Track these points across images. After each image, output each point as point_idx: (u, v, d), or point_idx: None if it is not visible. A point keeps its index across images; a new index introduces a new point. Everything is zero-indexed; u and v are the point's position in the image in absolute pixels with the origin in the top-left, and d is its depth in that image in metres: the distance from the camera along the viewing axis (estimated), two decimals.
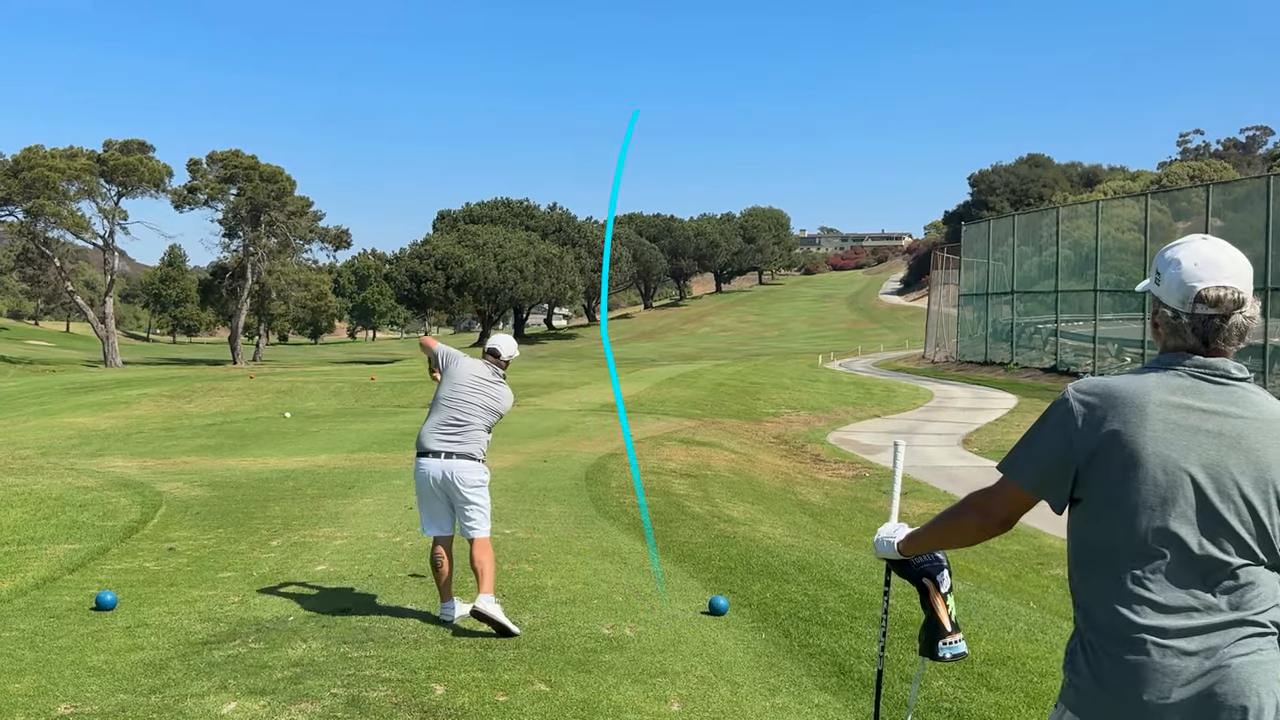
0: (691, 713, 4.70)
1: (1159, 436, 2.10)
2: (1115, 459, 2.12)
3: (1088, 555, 2.19)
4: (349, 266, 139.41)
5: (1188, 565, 2.09)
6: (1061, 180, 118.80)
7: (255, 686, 4.85)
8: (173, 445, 18.57)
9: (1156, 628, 2.07)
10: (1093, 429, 2.15)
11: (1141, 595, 2.09)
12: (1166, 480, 2.09)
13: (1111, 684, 2.10)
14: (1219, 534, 2.09)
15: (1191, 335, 2.17)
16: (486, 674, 5.08)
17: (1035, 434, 2.25)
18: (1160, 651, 2.06)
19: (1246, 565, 2.09)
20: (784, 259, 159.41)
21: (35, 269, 74.70)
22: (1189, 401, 2.13)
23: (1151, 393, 2.14)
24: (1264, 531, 2.10)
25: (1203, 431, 2.11)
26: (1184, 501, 2.09)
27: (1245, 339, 2.19)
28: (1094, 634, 2.15)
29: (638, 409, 24.36)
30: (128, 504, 10.42)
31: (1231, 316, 2.14)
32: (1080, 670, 2.16)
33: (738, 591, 6.95)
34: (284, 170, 78.81)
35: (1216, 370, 2.15)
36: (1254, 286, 2.21)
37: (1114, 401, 2.15)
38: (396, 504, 10.41)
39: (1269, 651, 2.08)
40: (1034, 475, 2.23)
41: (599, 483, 12.04)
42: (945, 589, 2.80)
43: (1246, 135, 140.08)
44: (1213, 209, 29.26)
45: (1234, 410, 2.13)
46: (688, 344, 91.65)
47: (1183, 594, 2.08)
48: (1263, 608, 2.09)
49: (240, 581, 7.17)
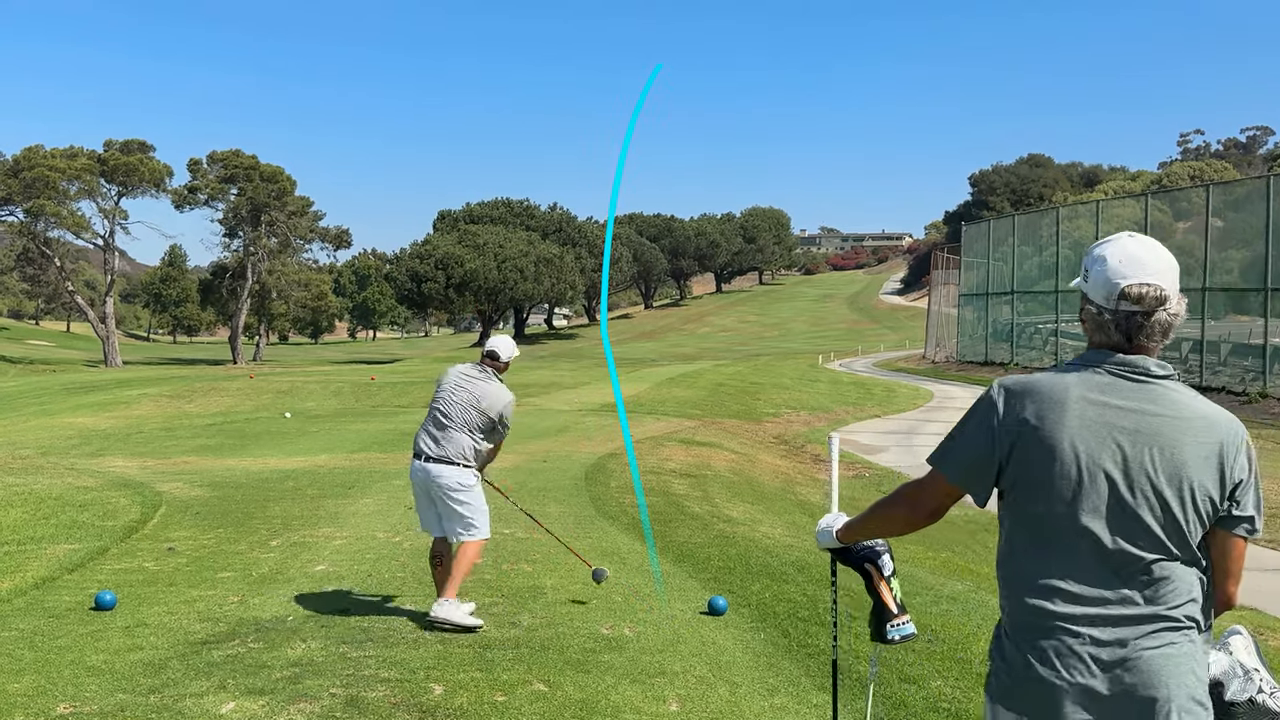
0: (690, 713, 4.70)
1: (1076, 432, 2.14)
2: (1034, 453, 2.17)
3: (1009, 547, 2.24)
4: (349, 266, 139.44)
5: (1102, 559, 2.13)
6: (1062, 180, 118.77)
7: (254, 686, 4.86)
8: (173, 445, 18.57)
9: (1069, 616, 2.12)
10: (1014, 424, 2.19)
11: (1057, 586, 2.14)
12: (1082, 475, 2.13)
13: (1027, 672, 2.15)
14: (1133, 529, 2.12)
15: (1115, 332, 2.20)
16: (485, 674, 5.08)
17: (961, 428, 2.29)
18: (1073, 641, 2.11)
19: (1160, 560, 2.12)
20: (784, 259, 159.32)
21: (35, 269, 74.71)
22: (1107, 399, 2.16)
23: (1071, 389, 2.18)
24: (1177, 527, 2.13)
25: (1119, 428, 2.14)
26: (1098, 496, 2.13)
27: (1170, 335, 2.22)
28: (1012, 624, 2.20)
29: (638, 409, 24.35)
30: (127, 504, 10.42)
31: (1155, 313, 2.17)
32: (1001, 659, 2.22)
33: (737, 592, 6.95)
34: (284, 170, 78.87)
35: (1136, 368, 2.18)
36: (1262, 286, 2.26)
37: (1035, 397, 2.19)
38: (396, 504, 10.41)
39: (1182, 645, 2.11)
40: (960, 468, 2.27)
41: (598, 483, 12.04)
42: (888, 573, 2.85)
43: (1247, 135, 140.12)
44: (1213, 209, 29.24)
45: (1151, 408, 2.16)
46: (688, 344, 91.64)
47: (1097, 586, 2.12)
48: (1177, 602, 2.12)
49: (239, 581, 7.17)
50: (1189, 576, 2.15)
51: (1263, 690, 2.42)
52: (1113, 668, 2.09)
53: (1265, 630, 7.32)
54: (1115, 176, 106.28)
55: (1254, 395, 25.29)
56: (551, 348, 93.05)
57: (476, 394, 6.15)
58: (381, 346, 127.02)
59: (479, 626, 5.83)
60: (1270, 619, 7.72)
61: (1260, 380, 26.03)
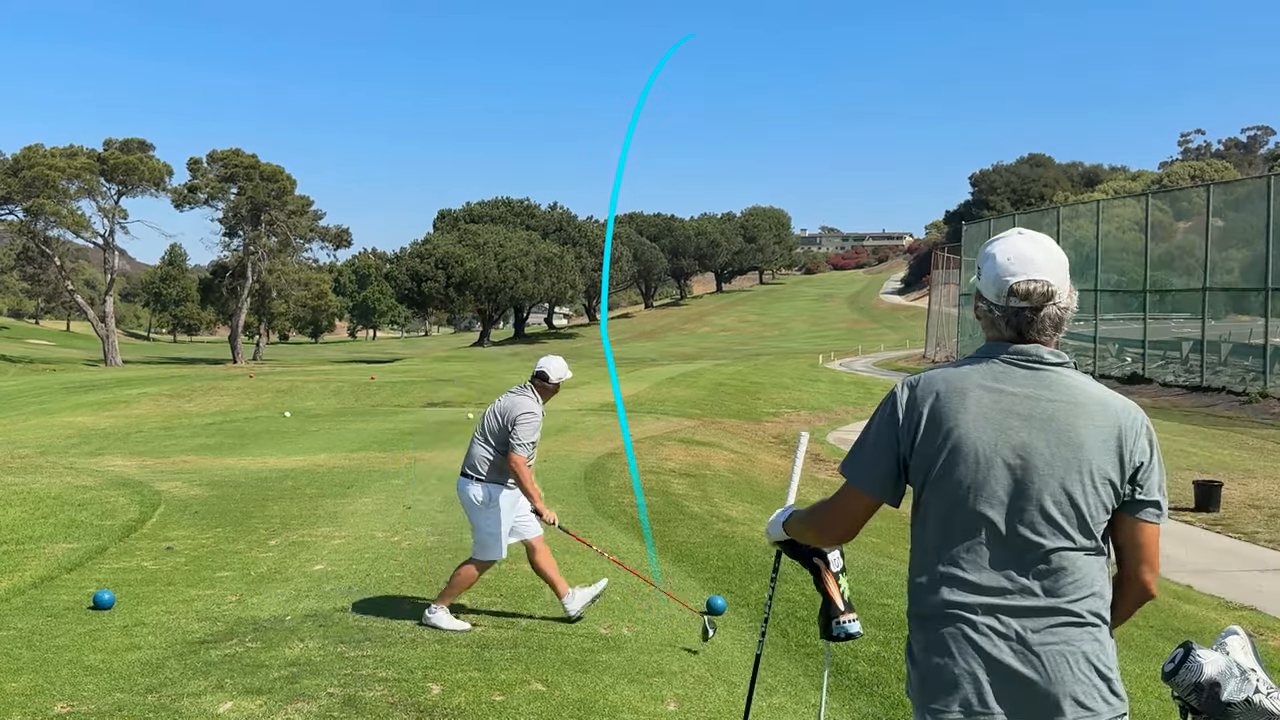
0: (688, 712, 4.69)
1: (974, 422, 2.14)
2: (935, 445, 2.16)
3: (915, 541, 2.24)
4: (349, 265, 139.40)
5: (1001, 547, 2.11)
6: (1062, 180, 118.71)
7: (252, 686, 4.85)
8: (172, 444, 18.57)
9: (969, 605, 2.11)
10: (915, 419, 2.19)
11: (957, 576, 2.13)
12: (980, 464, 2.13)
13: (931, 665, 2.14)
14: (1032, 516, 2.11)
15: (1006, 327, 2.21)
16: (483, 673, 5.07)
17: (866, 434, 2.29)
18: (971, 630, 2.10)
19: (1061, 549, 2.10)
20: (785, 258, 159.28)
21: (35, 268, 74.70)
22: (1002, 386, 2.17)
23: (969, 379, 2.18)
24: (1078, 513, 2.11)
25: (1015, 414, 2.14)
26: (996, 484, 2.12)
27: (1063, 329, 2.23)
28: (918, 617, 2.19)
29: (637, 408, 24.35)
30: (126, 503, 10.42)
31: (1043, 308, 2.18)
32: (909, 656, 2.21)
33: (735, 591, 6.94)
34: (284, 169, 78.87)
35: (1030, 356, 2.18)
36: (1263, 286, 2.26)
37: (935, 391, 2.20)
38: (395, 504, 10.41)
39: (1084, 642, 2.09)
40: (873, 480, 2.25)
41: (598, 482, 12.04)
42: (837, 569, 2.83)
43: (1248, 135, 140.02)
44: (1213, 209, 29.22)
45: (1046, 393, 2.16)
46: (688, 343, 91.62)
47: (997, 575, 2.11)
48: (1078, 595, 2.10)
49: (238, 581, 7.17)
50: (1091, 568, 2.13)
51: (1259, 690, 2.41)
52: (1013, 659, 2.07)
53: (1264, 630, 7.31)
54: (1116, 176, 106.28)
55: (1254, 395, 25.28)
56: (551, 347, 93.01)
57: (503, 405, 6.08)
58: (381, 346, 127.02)
59: (465, 629, 5.87)
60: (1269, 619, 7.71)
61: (1260, 380, 26.01)
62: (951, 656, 2.11)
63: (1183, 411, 24.70)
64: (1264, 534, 10.73)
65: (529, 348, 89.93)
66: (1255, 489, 13.47)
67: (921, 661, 2.17)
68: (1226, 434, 20.21)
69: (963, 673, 2.09)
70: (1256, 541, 10.44)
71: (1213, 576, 8.96)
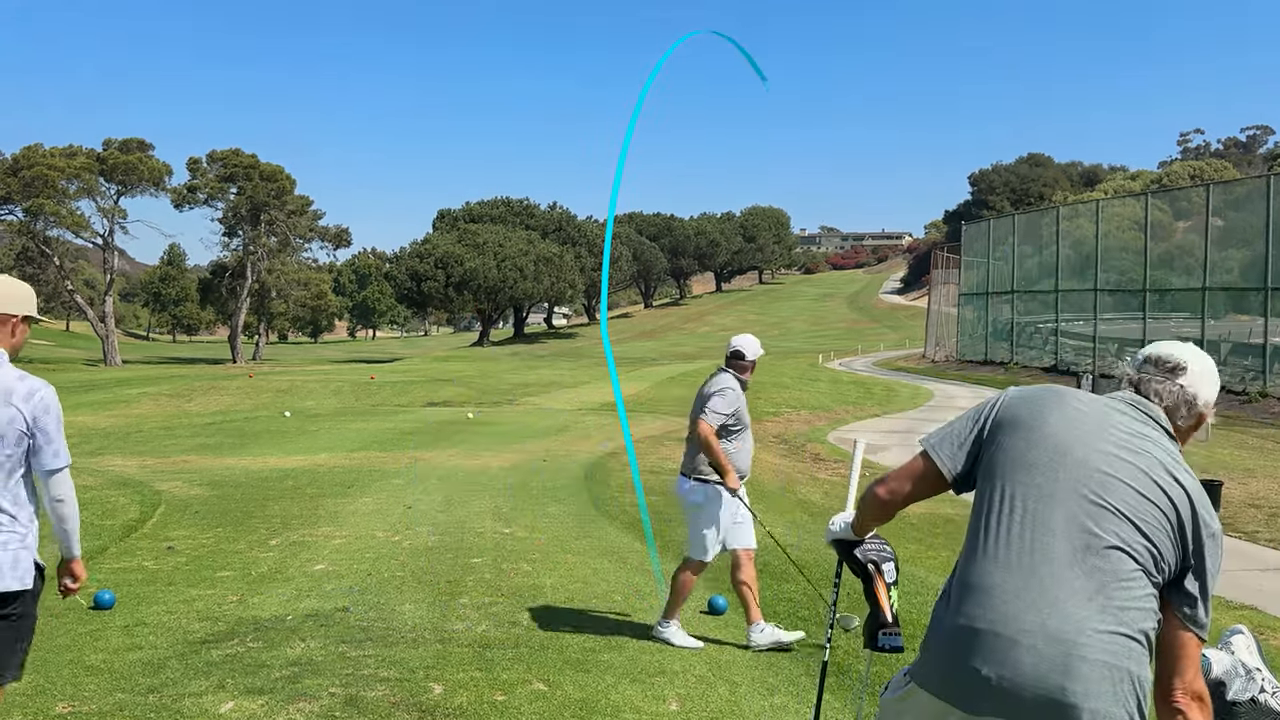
0: (690, 712, 4.69)
1: (1060, 426, 2.21)
2: (1012, 436, 2.23)
3: (969, 532, 2.24)
4: (349, 265, 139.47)
5: (1059, 556, 2.09)
6: (1062, 180, 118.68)
7: (253, 686, 4.85)
8: (172, 444, 18.56)
9: (1005, 611, 2.08)
10: (1003, 413, 2.29)
11: (995, 576, 2.11)
12: (1054, 464, 2.17)
13: (960, 665, 2.12)
14: (1093, 533, 2.10)
15: (1127, 384, 2.38)
16: (485, 673, 5.07)
17: (959, 417, 2.40)
18: (1006, 638, 2.07)
19: (1122, 570, 2.09)
20: (784, 258, 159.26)
21: (35, 268, 74.61)
22: (1105, 412, 2.27)
23: (1073, 396, 2.29)
24: (1143, 542, 2.10)
25: (1106, 434, 2.20)
26: (1067, 488, 2.14)
27: (1181, 414, 2.36)
28: (950, 608, 2.18)
29: (638, 408, 24.34)
30: (126, 503, 10.42)
31: (1167, 384, 2.35)
32: (935, 639, 2.20)
33: (728, 591, 6.93)
34: (284, 169, 78.84)
35: (1147, 410, 2.31)
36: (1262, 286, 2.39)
37: (1036, 396, 2.30)
38: (395, 503, 10.40)
39: (1133, 663, 2.06)
40: (944, 446, 2.34)
41: (599, 482, 12.04)
42: (890, 580, 2.81)
43: (1247, 135, 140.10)
44: (1213, 208, 29.22)
45: (1141, 432, 2.24)
46: (688, 343, 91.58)
47: (1043, 578, 2.08)
48: (1127, 613, 2.07)
49: (239, 581, 7.17)
50: (1144, 590, 2.10)
51: (1265, 690, 2.41)
52: (1051, 662, 2.03)
53: (1265, 629, 7.30)
54: (1115, 176, 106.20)
55: (1254, 395, 25.28)
56: (551, 347, 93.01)
57: (701, 390, 5.93)
58: (381, 345, 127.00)
59: (698, 647, 5.69)
60: (1271, 618, 7.70)
61: (1260, 380, 26.01)
62: (983, 661, 2.08)
63: None
64: (1264, 533, 10.72)
65: (528, 347, 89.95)
66: (1255, 488, 13.46)
67: (949, 656, 2.14)
68: (1226, 433, 20.21)
69: (992, 678, 2.06)
70: (1257, 541, 10.44)
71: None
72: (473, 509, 10.06)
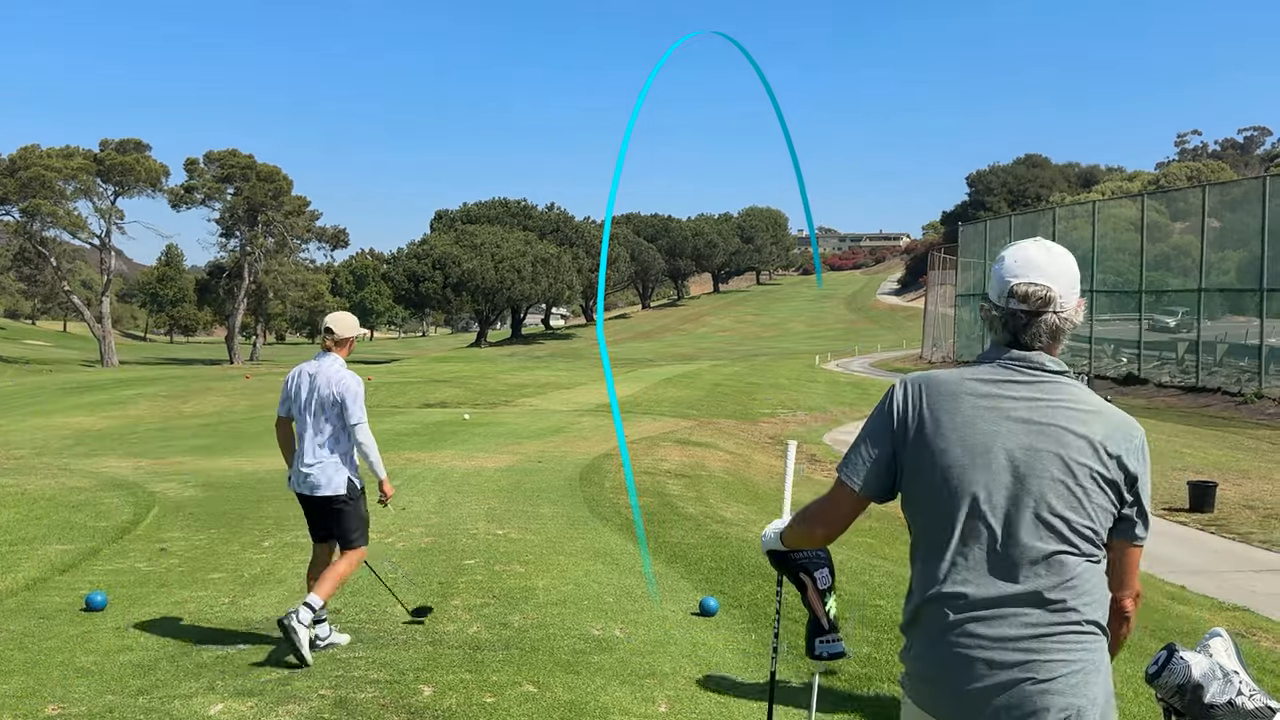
0: (679, 714, 4.70)
1: (968, 424, 2.14)
2: (928, 446, 2.16)
3: (914, 544, 2.22)
4: (346, 266, 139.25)
5: (997, 552, 2.09)
6: (1059, 180, 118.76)
7: (243, 688, 4.85)
8: (168, 445, 18.55)
9: (964, 610, 2.08)
10: (910, 419, 2.19)
11: (952, 580, 2.11)
12: (976, 466, 2.11)
13: (925, 667, 2.13)
14: (1029, 521, 2.08)
15: (1004, 329, 2.22)
16: (474, 675, 5.08)
17: (863, 435, 2.28)
18: (967, 635, 2.07)
19: (1060, 555, 2.08)
20: (782, 259, 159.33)
21: (32, 268, 74.64)
22: (1000, 391, 2.16)
23: (967, 382, 2.19)
24: (1078, 520, 2.09)
25: (1012, 418, 2.13)
26: (992, 487, 2.10)
27: (1061, 338, 2.21)
28: (913, 619, 2.18)
29: (634, 409, 24.35)
30: (120, 504, 10.42)
31: (1041, 314, 2.18)
32: (907, 656, 2.20)
33: (729, 593, 6.94)
34: (281, 170, 78.90)
35: (1031, 363, 2.19)
36: (1258, 287, 2.26)
37: (931, 392, 2.20)
38: (389, 505, 10.39)
39: (1084, 650, 2.07)
40: (867, 479, 2.24)
41: (593, 483, 12.04)
42: (824, 587, 2.78)
43: (1244, 136, 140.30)
44: (1210, 209, 29.26)
45: (1044, 400, 2.15)
46: (685, 344, 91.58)
47: (994, 580, 2.08)
48: (1078, 603, 2.07)
49: (231, 582, 7.17)
50: (1093, 574, 2.10)
51: (1242, 693, 2.42)
52: (1007, 664, 2.04)
53: (1257, 630, 7.32)
54: (1112, 177, 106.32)
55: (1249, 395, 25.32)
56: (548, 348, 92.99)
57: None
58: (379, 346, 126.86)
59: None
60: (1262, 619, 7.72)
61: (1256, 380, 26.05)
62: (945, 660, 2.09)
63: (1178, 412, 24.73)
64: (1258, 535, 10.74)
65: (526, 348, 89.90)
66: (1250, 489, 13.49)
67: (915, 663, 2.16)
68: (1222, 434, 20.23)
69: (957, 680, 2.07)
70: (1250, 542, 10.45)
71: (1206, 577, 8.98)
72: (466, 510, 10.07)
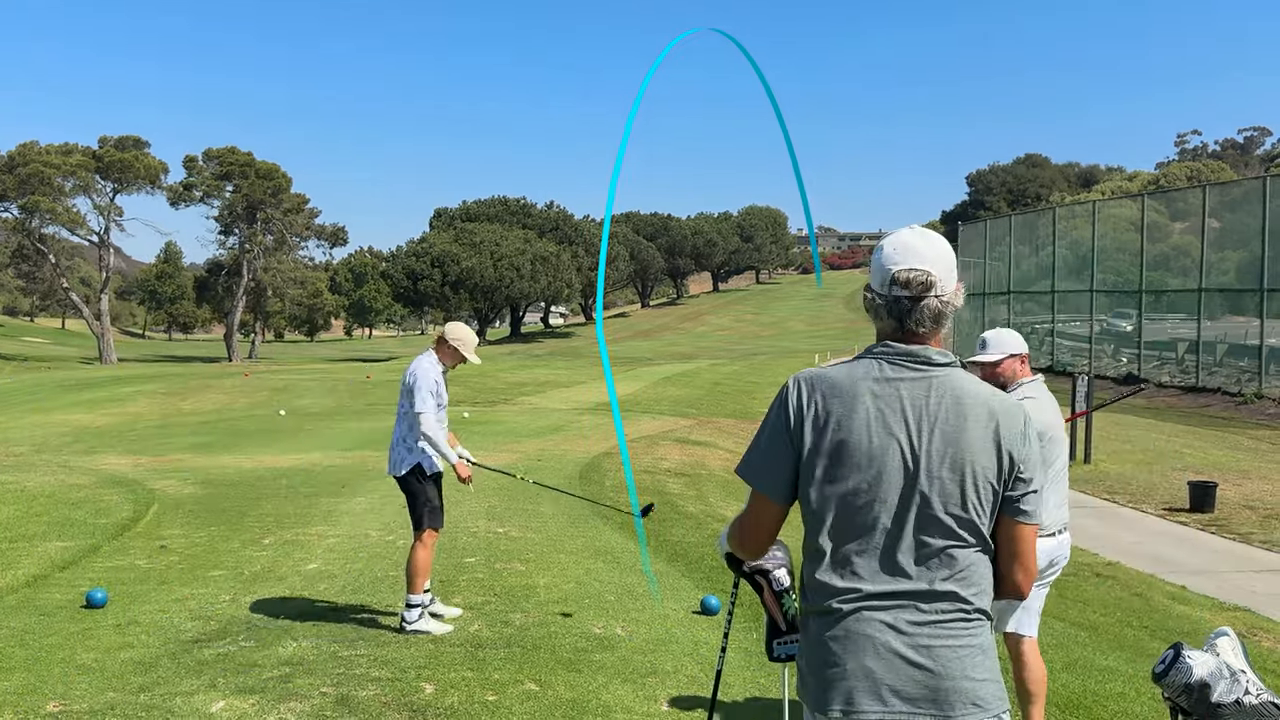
0: (681, 712, 4.69)
1: (862, 423, 2.15)
2: (824, 446, 2.17)
3: (806, 540, 2.23)
4: (345, 264, 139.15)
5: (891, 548, 2.12)
6: (1059, 180, 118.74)
7: (244, 685, 4.85)
8: (167, 443, 18.53)
9: (860, 605, 2.11)
10: (806, 419, 2.19)
11: (848, 576, 2.13)
12: (870, 465, 2.13)
13: (821, 664, 2.14)
14: (921, 517, 2.12)
15: (888, 316, 2.22)
16: (476, 673, 5.07)
17: (760, 436, 2.27)
18: (865, 630, 2.10)
19: (952, 547, 2.12)
20: (781, 258, 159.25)
21: (31, 265, 74.54)
22: (890, 389, 2.17)
23: (858, 380, 2.19)
24: (967, 514, 2.12)
25: (902, 417, 2.15)
26: (886, 485, 2.13)
27: (943, 322, 2.22)
28: (810, 616, 2.20)
29: (633, 408, 24.34)
30: (120, 501, 10.41)
31: (923, 299, 2.19)
32: (801, 656, 2.21)
33: (729, 591, 6.93)
34: (280, 167, 78.74)
35: (917, 357, 2.20)
36: (1258, 287, 2.24)
37: (824, 392, 2.20)
38: (389, 503, 10.38)
39: (977, 638, 2.11)
40: (776, 484, 2.23)
41: (593, 482, 12.03)
42: (780, 588, 2.76)
43: (1244, 136, 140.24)
44: (1210, 209, 29.25)
45: (933, 396, 2.17)
46: (684, 343, 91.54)
47: (888, 575, 2.11)
48: (969, 592, 2.12)
49: (232, 580, 7.16)
50: (981, 565, 2.15)
51: (1249, 692, 2.41)
52: (905, 656, 2.08)
53: (1258, 630, 7.32)
54: (1112, 177, 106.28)
55: (1249, 396, 25.33)
56: (548, 346, 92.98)
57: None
58: (378, 344, 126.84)
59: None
60: (1263, 619, 7.72)
61: (1256, 381, 26.06)
62: (842, 656, 2.11)
63: (1178, 412, 24.74)
64: (1258, 535, 10.74)
65: (525, 346, 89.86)
66: (1250, 490, 13.48)
67: (811, 661, 2.17)
68: (1222, 434, 20.24)
69: (853, 671, 2.09)
70: (1251, 542, 10.45)
71: (1207, 577, 8.97)
72: (466, 508, 10.06)
